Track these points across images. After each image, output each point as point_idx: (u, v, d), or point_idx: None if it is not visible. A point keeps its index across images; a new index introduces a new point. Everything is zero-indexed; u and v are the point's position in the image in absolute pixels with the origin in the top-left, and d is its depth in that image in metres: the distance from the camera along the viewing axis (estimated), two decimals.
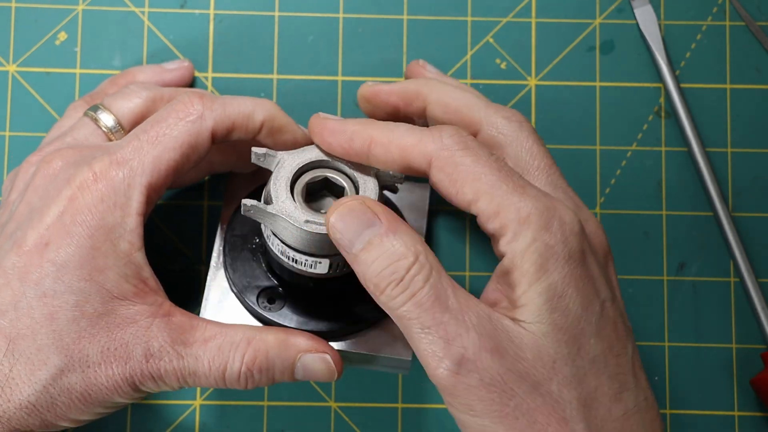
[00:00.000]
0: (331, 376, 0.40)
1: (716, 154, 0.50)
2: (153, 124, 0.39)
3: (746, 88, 0.50)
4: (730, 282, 0.49)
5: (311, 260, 0.39)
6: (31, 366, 0.37)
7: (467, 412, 0.35)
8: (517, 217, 0.36)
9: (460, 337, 0.34)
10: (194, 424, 0.47)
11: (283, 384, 0.47)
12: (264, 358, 0.39)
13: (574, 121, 0.50)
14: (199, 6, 0.50)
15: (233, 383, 0.39)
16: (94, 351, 0.38)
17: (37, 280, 0.38)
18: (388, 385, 0.48)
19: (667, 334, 0.48)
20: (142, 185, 0.38)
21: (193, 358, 0.39)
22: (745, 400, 0.48)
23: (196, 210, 0.49)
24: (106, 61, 0.49)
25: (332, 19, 0.50)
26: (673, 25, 0.50)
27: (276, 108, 0.41)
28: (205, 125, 0.39)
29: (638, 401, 0.36)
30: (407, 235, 0.36)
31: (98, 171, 0.38)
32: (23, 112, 0.49)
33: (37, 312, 0.37)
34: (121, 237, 0.38)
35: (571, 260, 0.36)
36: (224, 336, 0.39)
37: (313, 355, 0.39)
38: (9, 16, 0.50)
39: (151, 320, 0.38)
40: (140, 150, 0.39)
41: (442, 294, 0.35)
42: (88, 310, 0.38)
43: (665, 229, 0.49)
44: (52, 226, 0.38)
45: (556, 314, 0.35)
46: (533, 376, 0.35)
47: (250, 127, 0.40)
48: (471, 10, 0.50)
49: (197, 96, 0.40)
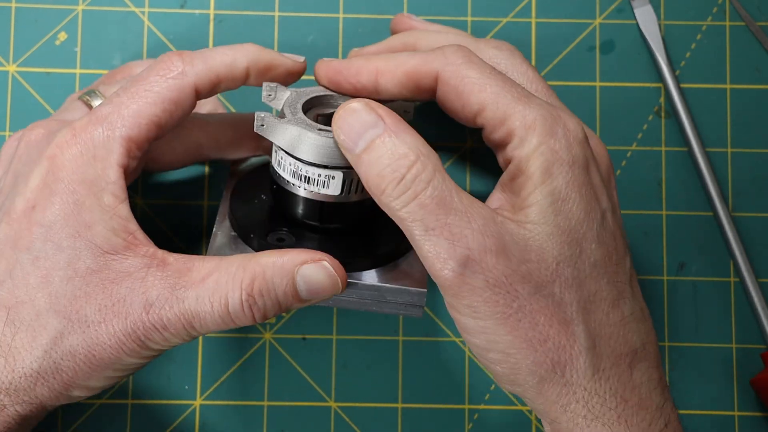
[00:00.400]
0: (334, 286, 0.38)
1: (716, 154, 0.50)
2: (133, 82, 0.39)
3: (746, 88, 0.50)
4: (730, 282, 0.49)
5: (324, 175, 0.39)
6: (32, 332, 0.37)
7: (470, 315, 0.36)
8: (522, 124, 0.36)
9: (465, 238, 0.35)
10: (194, 424, 0.47)
11: (283, 384, 0.47)
12: (262, 279, 0.38)
13: None
14: (199, 6, 0.50)
15: (240, 317, 0.38)
16: (92, 309, 0.37)
17: (28, 245, 0.37)
18: (388, 385, 0.48)
19: (667, 334, 0.48)
20: (121, 137, 0.38)
21: (193, 300, 0.37)
22: (745, 400, 0.48)
23: (196, 210, 0.49)
24: (106, 61, 0.49)
25: (332, 19, 0.50)
26: (673, 25, 0.50)
27: (258, 49, 0.40)
28: (187, 81, 0.39)
29: (634, 310, 0.37)
30: (410, 136, 0.36)
31: (78, 128, 0.38)
32: (23, 112, 0.49)
33: (32, 277, 0.37)
34: (104, 190, 0.38)
35: (575, 166, 0.36)
36: (220, 269, 0.38)
37: (310, 266, 0.38)
38: (9, 16, 0.50)
39: (146, 270, 0.38)
40: (120, 105, 0.38)
41: (446, 195, 0.35)
42: (81, 268, 0.37)
43: (665, 229, 0.49)
44: (37, 188, 0.38)
45: (560, 217, 0.36)
46: (536, 278, 0.35)
47: (236, 74, 0.40)
48: (471, 10, 0.50)
49: (177, 54, 0.39)
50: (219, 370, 0.48)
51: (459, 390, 0.47)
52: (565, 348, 0.36)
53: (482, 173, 0.49)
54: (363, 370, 0.48)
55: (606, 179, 0.39)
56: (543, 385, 0.36)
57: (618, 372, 0.36)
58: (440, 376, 0.47)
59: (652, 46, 0.50)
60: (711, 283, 0.49)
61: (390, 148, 0.36)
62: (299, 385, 0.47)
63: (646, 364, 0.37)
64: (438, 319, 0.48)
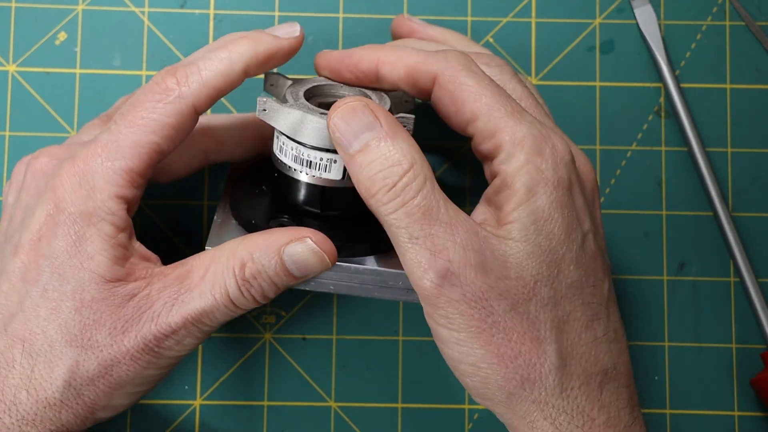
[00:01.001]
0: (321, 262, 0.39)
1: (716, 154, 0.50)
2: (130, 108, 0.39)
3: (746, 88, 0.50)
4: (730, 282, 0.49)
5: (326, 159, 0.39)
6: (49, 364, 0.38)
7: (446, 326, 0.36)
8: (511, 139, 0.37)
9: (447, 250, 0.35)
10: (194, 424, 0.47)
11: (283, 384, 0.47)
12: (251, 262, 0.38)
13: (574, 121, 0.50)
14: (199, 6, 0.50)
15: (242, 302, 0.39)
16: (103, 335, 0.38)
17: (36, 278, 0.38)
18: (388, 385, 0.48)
19: (667, 334, 0.48)
20: (121, 168, 0.38)
21: (198, 298, 0.38)
22: (745, 400, 0.48)
23: (196, 210, 0.49)
24: (106, 61, 0.49)
25: (332, 19, 0.50)
26: (673, 25, 0.50)
27: (252, 44, 0.39)
28: (185, 103, 0.38)
29: (608, 331, 0.38)
30: (405, 143, 0.36)
31: (78, 159, 0.38)
32: (23, 112, 0.49)
33: (42, 309, 0.38)
34: (104, 220, 0.38)
35: (560, 187, 0.37)
36: (215, 261, 0.39)
37: (295, 244, 0.38)
38: (9, 16, 0.50)
39: (148, 288, 0.38)
40: (118, 134, 0.38)
41: (433, 205, 0.36)
42: (87, 297, 0.38)
43: (665, 229, 0.49)
44: (42, 220, 0.38)
45: (541, 236, 0.36)
46: (513, 295, 0.36)
47: (234, 80, 0.39)
48: (471, 10, 0.50)
49: (170, 74, 0.39)
50: (219, 370, 0.48)
51: (459, 390, 0.47)
52: (536, 365, 0.36)
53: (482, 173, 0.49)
54: (363, 370, 0.48)
55: (590, 200, 0.39)
56: (512, 400, 0.36)
57: (587, 391, 0.37)
58: (440, 376, 0.47)
59: (652, 46, 0.50)
60: (711, 283, 0.49)
61: (384, 153, 0.36)
62: (299, 385, 0.47)
63: (616, 383, 0.37)
64: None
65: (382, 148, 0.36)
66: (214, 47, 0.40)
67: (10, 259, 0.39)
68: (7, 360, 0.38)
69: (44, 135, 0.49)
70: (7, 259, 0.39)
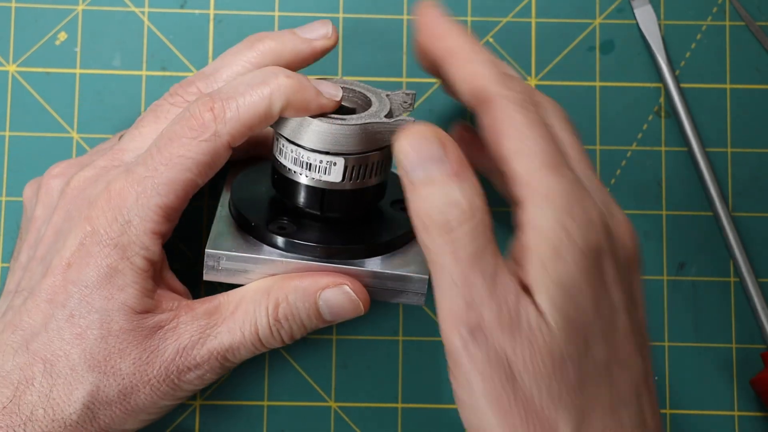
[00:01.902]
0: (356, 309, 0.39)
1: (716, 154, 0.50)
2: (167, 141, 0.38)
3: (746, 88, 0.50)
4: (730, 282, 0.49)
5: (326, 161, 0.39)
6: (68, 386, 0.38)
7: (466, 387, 0.34)
8: (544, 193, 0.34)
9: (482, 305, 0.33)
10: (194, 424, 0.47)
11: (283, 384, 0.47)
12: (286, 304, 0.39)
13: (574, 121, 0.50)
14: (199, 6, 0.50)
15: (270, 341, 0.39)
16: (126, 364, 0.38)
17: (63, 302, 0.38)
18: (388, 385, 0.48)
19: (667, 334, 0.48)
20: (157, 205, 0.38)
21: (225, 334, 0.39)
22: (745, 400, 0.48)
23: (196, 210, 0.49)
24: (106, 61, 0.49)
25: (332, 19, 0.50)
26: (673, 25, 0.50)
27: (295, 85, 0.38)
28: (221, 142, 0.38)
29: (635, 420, 0.35)
30: (470, 186, 0.34)
31: (113, 191, 0.38)
32: (23, 112, 0.49)
33: (67, 332, 0.38)
34: (137, 254, 0.38)
35: (589, 253, 0.34)
36: (246, 300, 0.39)
37: (332, 290, 0.39)
38: (9, 16, 0.50)
39: (176, 321, 0.39)
40: (155, 171, 0.38)
41: (482, 257, 0.34)
42: (114, 328, 0.38)
43: (665, 229, 0.49)
44: (74, 248, 0.38)
45: (571, 308, 0.34)
46: (539, 369, 0.33)
47: (270, 121, 0.39)
48: (471, 10, 0.50)
49: (208, 108, 0.38)
50: None
51: None
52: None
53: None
54: (363, 370, 0.48)
55: (626, 271, 0.36)
56: None
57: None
58: (440, 376, 0.47)
59: (652, 46, 0.50)
60: (711, 283, 0.49)
61: (448, 192, 0.34)
62: (299, 385, 0.47)
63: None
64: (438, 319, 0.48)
65: (447, 186, 0.34)
66: (255, 80, 0.38)
67: (39, 280, 0.39)
68: (27, 377, 0.38)
69: (44, 135, 0.49)
70: (36, 279, 0.40)
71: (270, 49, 0.41)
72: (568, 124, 0.40)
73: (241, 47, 0.42)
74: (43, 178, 0.43)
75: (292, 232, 0.40)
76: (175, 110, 0.41)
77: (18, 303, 0.40)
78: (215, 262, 0.40)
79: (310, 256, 0.40)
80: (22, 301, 0.39)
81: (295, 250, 0.40)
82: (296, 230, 0.41)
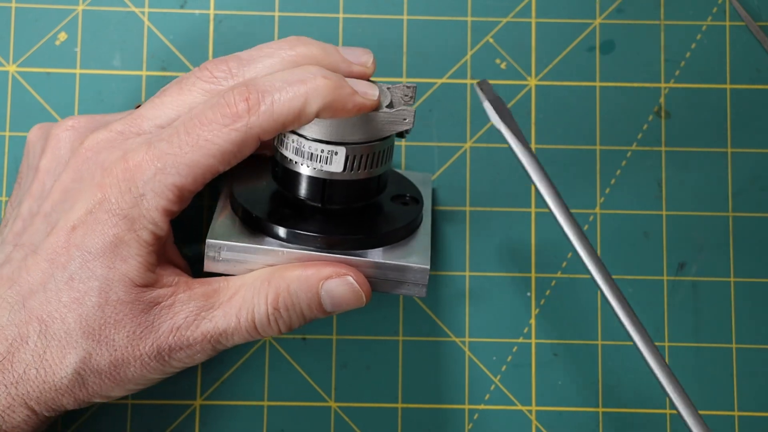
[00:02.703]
0: (358, 300, 0.40)
1: (716, 154, 0.50)
2: (197, 123, 0.38)
3: (746, 88, 0.50)
4: (730, 282, 0.49)
5: (327, 151, 0.39)
6: (62, 350, 0.38)
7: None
8: None
9: None
10: (194, 424, 0.47)
11: (283, 384, 0.47)
12: (287, 293, 0.39)
13: (574, 121, 0.50)
14: (199, 6, 0.50)
15: (266, 330, 0.39)
16: (121, 336, 0.38)
17: (64, 264, 0.38)
18: (388, 385, 0.48)
19: (667, 334, 0.48)
20: (174, 184, 0.38)
21: (221, 318, 0.39)
22: (745, 400, 0.48)
23: (197, 210, 0.49)
24: (106, 61, 0.49)
25: (332, 19, 0.50)
26: (673, 25, 0.50)
27: (333, 90, 0.38)
28: (251, 133, 0.38)
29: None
30: None
31: (131, 161, 0.38)
32: (23, 112, 0.49)
33: (65, 295, 0.38)
34: (145, 228, 0.38)
35: None
36: (245, 286, 0.39)
37: (335, 280, 0.39)
38: (9, 16, 0.50)
39: (173, 297, 0.39)
40: (179, 149, 0.38)
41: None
42: (113, 297, 0.38)
43: (665, 229, 0.49)
44: (82, 212, 0.38)
45: None
46: None
47: (305, 120, 0.38)
48: (471, 10, 0.50)
49: (243, 98, 0.38)
50: (219, 370, 0.48)
51: (459, 390, 0.47)
52: None
53: (482, 173, 0.49)
54: (363, 370, 0.48)
55: None
56: None
57: None
58: (440, 376, 0.47)
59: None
60: (711, 283, 0.49)
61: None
62: (299, 385, 0.47)
63: None
64: (438, 319, 0.48)
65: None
66: (294, 77, 0.38)
67: (42, 238, 0.39)
68: (22, 334, 0.38)
69: None
70: (39, 236, 0.39)
71: (311, 55, 0.40)
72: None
73: (282, 44, 0.41)
74: (54, 128, 0.43)
75: (293, 223, 0.40)
76: (201, 84, 0.40)
77: (18, 257, 0.39)
78: (216, 252, 0.40)
79: (311, 246, 0.40)
80: (23, 256, 0.39)
81: (297, 241, 0.40)
82: (297, 221, 0.41)
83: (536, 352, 0.48)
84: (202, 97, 0.40)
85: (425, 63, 0.50)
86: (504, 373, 0.48)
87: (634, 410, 0.47)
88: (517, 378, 0.48)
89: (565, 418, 0.47)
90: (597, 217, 0.49)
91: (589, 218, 0.49)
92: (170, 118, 0.40)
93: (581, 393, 0.48)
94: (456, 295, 0.48)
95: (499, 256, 0.48)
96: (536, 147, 0.49)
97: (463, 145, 0.49)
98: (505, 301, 0.48)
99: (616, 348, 0.48)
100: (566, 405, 0.47)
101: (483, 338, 0.48)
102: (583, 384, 0.48)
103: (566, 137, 0.49)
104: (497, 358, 0.48)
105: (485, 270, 0.48)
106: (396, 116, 0.39)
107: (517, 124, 0.41)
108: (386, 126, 0.39)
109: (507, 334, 0.48)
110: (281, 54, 0.40)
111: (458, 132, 0.49)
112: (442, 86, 0.50)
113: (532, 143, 0.49)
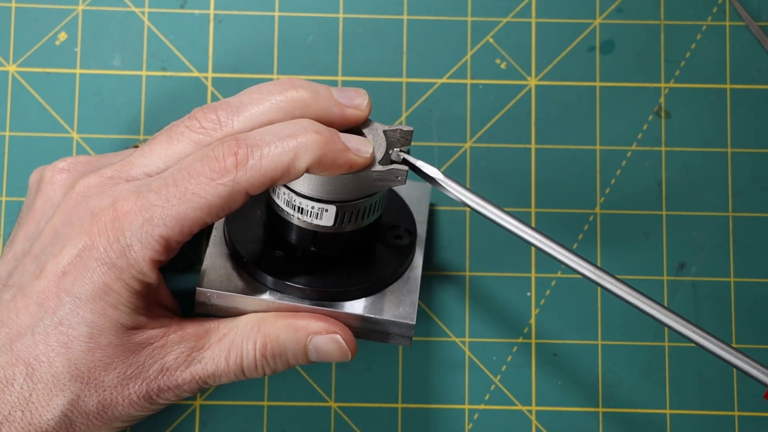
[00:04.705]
0: (344, 356, 0.40)
1: (716, 154, 0.50)
2: (185, 175, 0.38)
3: (746, 88, 0.50)
4: (730, 282, 0.49)
5: (317, 207, 0.39)
6: (49, 392, 0.38)
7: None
8: None
9: None
10: (194, 424, 0.47)
11: (283, 384, 0.47)
12: (275, 343, 0.40)
13: (574, 121, 0.50)
14: (199, 6, 0.50)
15: (252, 373, 0.40)
16: (111, 377, 0.39)
17: (54, 309, 0.38)
18: (388, 385, 0.48)
19: (667, 334, 0.48)
20: (160, 236, 0.38)
21: (210, 360, 0.40)
22: (745, 400, 0.48)
23: None
24: (106, 61, 0.49)
25: (332, 19, 0.50)
26: (673, 25, 0.50)
27: (323, 142, 0.37)
28: (238, 188, 0.37)
29: None
30: None
31: (119, 210, 0.38)
32: (23, 112, 0.49)
33: (53, 339, 0.38)
34: (133, 277, 0.38)
35: None
36: (235, 330, 0.40)
37: (323, 337, 0.40)
38: (9, 16, 0.50)
39: (165, 339, 0.39)
40: (166, 201, 0.37)
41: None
42: (102, 342, 0.38)
43: (665, 229, 0.49)
44: (72, 258, 0.38)
45: None
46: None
47: (295, 175, 0.38)
48: (471, 10, 0.50)
49: (232, 152, 0.37)
50: None
51: (459, 390, 0.47)
52: None
53: (482, 173, 0.49)
54: (363, 370, 0.48)
55: None
56: None
57: None
58: (440, 376, 0.47)
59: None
60: (711, 283, 0.49)
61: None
62: (299, 385, 0.47)
63: None
64: (438, 319, 0.48)
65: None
66: (284, 132, 0.37)
67: (30, 280, 0.39)
68: (8, 377, 0.38)
69: (44, 135, 0.49)
70: (27, 277, 0.39)
71: (301, 100, 0.39)
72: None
73: (272, 88, 0.40)
74: (48, 170, 0.43)
75: (283, 272, 0.41)
76: (190, 134, 0.40)
77: (6, 298, 0.39)
78: (206, 298, 0.41)
79: (300, 296, 0.41)
80: (11, 297, 0.39)
81: (286, 291, 0.41)
82: (288, 268, 0.41)
83: (536, 352, 0.48)
84: (190, 148, 0.39)
85: (425, 63, 0.50)
86: (504, 373, 0.48)
87: (634, 410, 0.47)
88: (517, 378, 0.48)
89: (565, 418, 0.47)
90: (597, 217, 0.49)
91: (589, 218, 0.49)
92: (158, 167, 0.40)
93: (581, 393, 0.48)
94: (456, 295, 0.48)
95: (499, 256, 0.48)
96: (536, 147, 0.49)
97: (463, 145, 0.49)
98: (505, 301, 0.48)
99: (616, 348, 0.48)
100: (566, 405, 0.47)
101: (483, 338, 0.48)
102: (583, 384, 0.48)
103: (566, 137, 0.49)
104: (497, 358, 0.48)
105: (485, 270, 0.48)
106: (388, 175, 0.39)
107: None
108: (378, 183, 0.39)
109: (507, 334, 0.48)
110: (271, 100, 0.39)
111: (458, 132, 0.49)
112: (442, 86, 0.50)
113: (532, 143, 0.49)
